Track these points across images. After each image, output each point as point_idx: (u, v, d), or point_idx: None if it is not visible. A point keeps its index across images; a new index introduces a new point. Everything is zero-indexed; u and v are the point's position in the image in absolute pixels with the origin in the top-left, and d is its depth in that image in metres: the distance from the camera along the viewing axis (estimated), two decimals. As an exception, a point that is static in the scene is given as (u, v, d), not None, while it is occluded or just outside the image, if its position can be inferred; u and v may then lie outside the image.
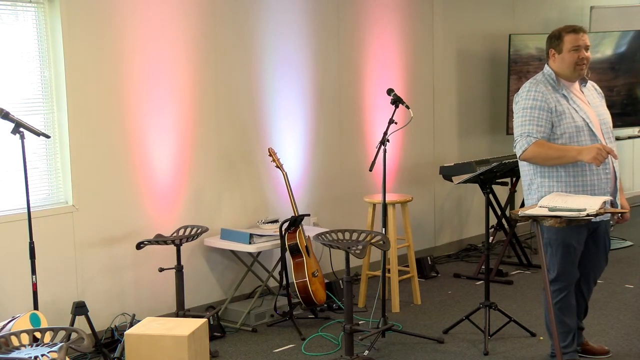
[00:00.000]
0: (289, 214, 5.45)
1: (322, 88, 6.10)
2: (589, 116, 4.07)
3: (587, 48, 4.11)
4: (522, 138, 4.03)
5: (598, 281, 4.42)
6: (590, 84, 4.29)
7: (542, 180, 4.10)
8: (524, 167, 4.20)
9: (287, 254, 5.24)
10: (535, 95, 4.06)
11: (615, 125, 7.16)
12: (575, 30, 4.10)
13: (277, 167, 5.45)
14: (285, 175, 5.43)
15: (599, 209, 3.70)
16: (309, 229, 5.54)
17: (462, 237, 7.40)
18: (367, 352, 4.65)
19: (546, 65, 4.22)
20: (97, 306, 4.79)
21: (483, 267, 5.43)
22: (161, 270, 4.86)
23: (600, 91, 4.34)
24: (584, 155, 3.89)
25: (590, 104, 4.16)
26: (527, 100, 4.08)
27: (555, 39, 4.14)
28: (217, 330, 5.03)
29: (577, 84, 4.18)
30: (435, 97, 7.01)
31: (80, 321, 4.41)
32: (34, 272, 4.23)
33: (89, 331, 4.38)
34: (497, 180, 5.51)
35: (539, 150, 3.99)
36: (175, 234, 4.94)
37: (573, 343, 4.23)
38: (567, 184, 4.04)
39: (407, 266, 5.78)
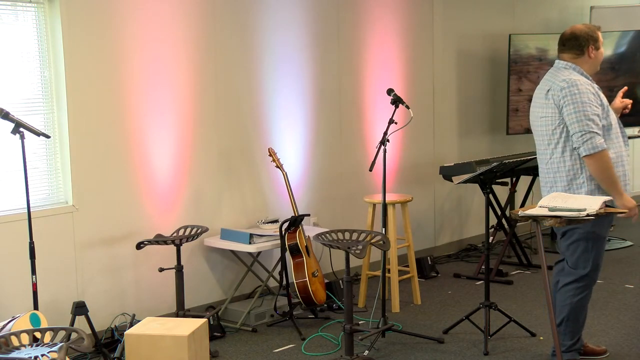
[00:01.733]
0: (289, 214, 5.45)
1: (322, 88, 6.10)
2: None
3: None
4: (595, 137, 3.97)
5: (598, 281, 4.41)
6: None
7: (591, 174, 4.07)
8: (566, 162, 4.10)
9: (287, 254, 5.24)
10: (586, 89, 4.04)
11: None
12: (599, 28, 4.29)
13: (277, 167, 5.45)
14: (285, 175, 5.43)
15: (599, 209, 3.70)
16: (309, 229, 5.54)
17: (462, 237, 7.40)
18: (367, 352, 4.65)
19: (569, 63, 4.18)
20: (97, 306, 4.80)
21: (483, 267, 5.44)
22: (161, 270, 4.86)
23: None
24: (627, 202, 4.00)
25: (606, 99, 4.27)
26: (581, 92, 4.02)
27: (593, 36, 4.20)
28: (217, 330, 5.03)
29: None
30: (435, 97, 7.01)
31: (80, 321, 4.41)
32: (34, 272, 4.23)
33: (89, 331, 4.38)
34: (497, 180, 5.51)
35: (603, 161, 3.98)
36: (175, 234, 4.94)
37: (578, 342, 4.25)
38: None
39: (407, 266, 5.78)
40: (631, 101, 4.39)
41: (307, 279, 5.20)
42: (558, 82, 4.08)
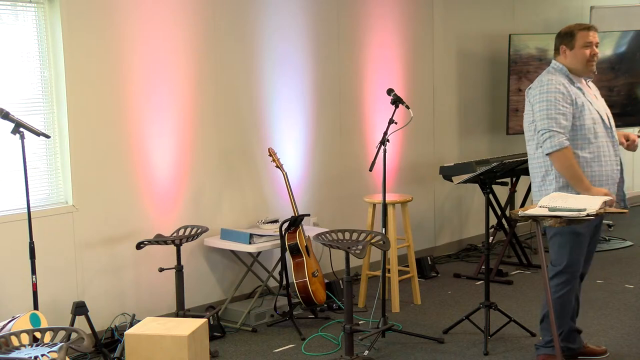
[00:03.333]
0: (289, 214, 5.45)
1: (322, 88, 6.10)
2: (599, 110, 4.18)
3: (597, 45, 4.21)
4: (555, 135, 4.02)
5: (598, 281, 4.42)
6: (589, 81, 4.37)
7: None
8: (539, 159, 4.19)
9: (287, 254, 5.24)
10: (558, 86, 4.08)
11: (615, 125, 7.19)
12: (588, 27, 4.21)
13: (277, 167, 5.45)
14: (285, 175, 5.43)
15: (599, 209, 3.70)
16: (309, 229, 5.54)
17: (462, 237, 7.40)
18: (367, 352, 4.65)
19: (554, 61, 4.25)
20: (97, 306, 4.79)
21: (483, 267, 5.44)
22: (161, 270, 4.86)
23: (596, 88, 4.43)
24: (595, 191, 4.00)
25: (597, 98, 4.27)
26: (549, 92, 4.07)
27: (567, 36, 4.21)
28: (217, 330, 5.03)
29: (583, 80, 4.25)
30: (435, 97, 7.01)
31: (80, 321, 4.41)
32: (34, 272, 4.23)
33: (89, 331, 4.38)
34: (497, 180, 5.51)
35: (565, 158, 4.03)
36: (175, 234, 4.94)
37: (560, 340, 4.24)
38: (584, 174, 4.09)
39: (407, 266, 5.78)
40: (628, 135, 4.36)
41: (307, 279, 5.20)
42: (535, 81, 4.23)
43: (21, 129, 4.19)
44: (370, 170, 4.80)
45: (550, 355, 4.25)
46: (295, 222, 5.20)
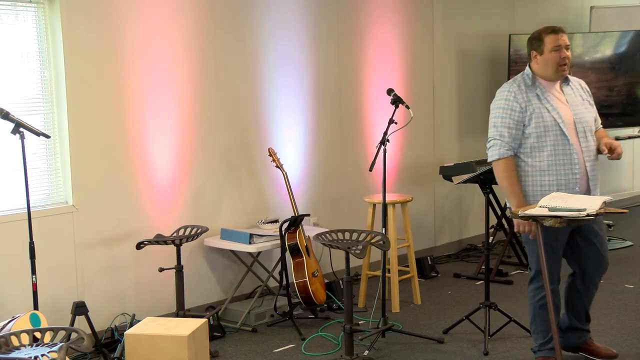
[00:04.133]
0: (289, 214, 5.45)
1: (322, 88, 6.10)
2: (561, 115, 4.06)
3: (567, 47, 4.12)
4: (496, 145, 4.11)
5: (598, 281, 4.41)
6: (577, 82, 4.28)
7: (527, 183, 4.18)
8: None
9: (287, 254, 5.24)
10: (508, 95, 4.12)
11: (615, 125, 7.19)
12: (555, 30, 4.11)
13: (277, 167, 5.45)
14: (285, 175, 5.43)
15: (599, 208, 3.70)
16: (309, 229, 5.54)
17: (462, 237, 7.40)
18: (367, 352, 4.65)
19: (527, 67, 4.22)
20: (97, 306, 4.79)
21: (483, 267, 5.43)
22: (161, 270, 4.86)
23: (587, 89, 4.31)
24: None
25: (569, 103, 4.14)
26: (500, 100, 4.15)
27: (535, 41, 4.15)
28: (217, 330, 5.03)
29: (557, 84, 4.17)
30: (435, 97, 7.01)
31: (80, 321, 4.41)
32: (34, 272, 4.23)
33: (89, 331, 4.38)
34: (497, 180, 5.50)
35: (504, 168, 4.10)
36: (175, 234, 4.94)
37: (551, 342, 4.22)
38: (534, 183, 4.10)
39: (407, 266, 5.78)
40: (612, 144, 4.19)
41: (307, 279, 5.20)
42: None
43: (21, 129, 4.20)
44: (370, 170, 4.80)
45: (548, 357, 4.25)
46: (295, 222, 5.20)
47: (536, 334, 4.32)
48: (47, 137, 4.39)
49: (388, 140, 4.90)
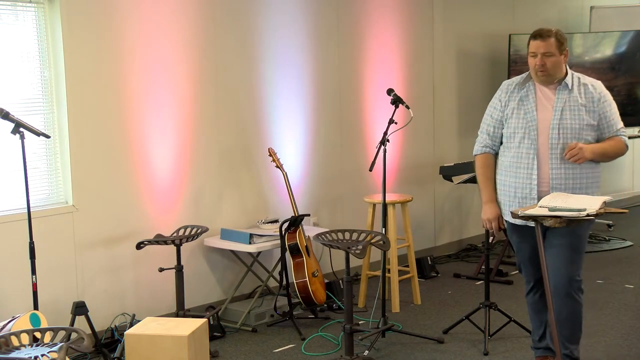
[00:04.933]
0: (289, 214, 5.45)
1: (322, 88, 6.10)
2: (536, 119, 3.96)
3: (546, 54, 3.95)
4: (477, 142, 4.28)
5: (598, 281, 4.40)
6: (590, 84, 4.06)
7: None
8: None
9: (287, 254, 5.24)
10: (496, 93, 4.20)
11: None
12: (535, 36, 3.98)
13: (277, 167, 5.45)
14: (285, 175, 5.43)
15: (599, 208, 3.69)
16: (309, 229, 5.53)
17: (462, 237, 7.39)
18: (367, 352, 4.65)
19: None
20: (97, 306, 4.79)
21: (483, 267, 5.43)
22: (161, 270, 4.86)
23: (597, 95, 4.03)
24: (484, 210, 4.15)
25: (555, 107, 3.98)
26: (492, 99, 4.23)
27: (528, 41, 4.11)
28: (217, 330, 5.03)
29: (552, 86, 4.02)
30: (435, 97, 7.01)
31: (80, 321, 4.41)
32: (34, 272, 4.23)
33: (89, 331, 4.38)
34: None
35: (478, 164, 4.25)
36: (175, 234, 4.94)
37: (544, 339, 4.24)
38: (499, 181, 4.16)
39: (407, 266, 5.78)
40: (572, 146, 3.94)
41: (307, 279, 5.20)
42: None
43: (21, 129, 4.19)
44: (370, 170, 4.80)
45: (546, 357, 4.24)
46: (295, 222, 5.20)
47: (532, 331, 4.36)
48: (47, 137, 4.39)
49: (388, 140, 4.90)
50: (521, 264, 4.22)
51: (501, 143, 4.18)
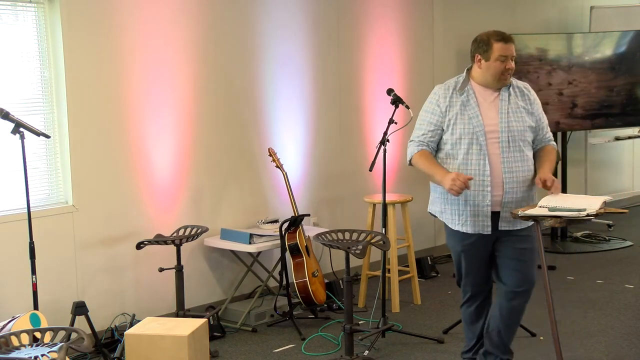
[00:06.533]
0: (289, 214, 5.45)
1: (322, 88, 6.10)
2: (483, 123, 3.88)
3: (513, 58, 3.92)
4: (411, 146, 4.05)
5: (598, 281, 4.39)
6: (521, 88, 4.02)
7: (433, 186, 4.10)
8: None
9: (287, 254, 5.24)
10: (431, 99, 4.03)
11: (615, 125, 7.18)
12: (505, 38, 3.89)
13: (277, 167, 5.45)
14: (285, 175, 5.43)
15: (599, 208, 3.70)
16: (309, 229, 5.54)
17: (462, 237, 7.38)
18: (367, 352, 4.65)
19: (465, 70, 4.05)
20: (97, 306, 4.79)
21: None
22: (161, 270, 4.86)
23: (531, 96, 4.03)
24: (444, 183, 3.79)
25: (500, 110, 3.92)
26: (426, 103, 4.07)
27: (483, 45, 3.92)
28: (217, 330, 5.03)
29: (494, 90, 3.97)
30: (435, 97, 7.00)
31: (80, 321, 4.41)
32: (34, 272, 4.23)
33: (89, 331, 4.38)
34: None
35: (417, 160, 3.99)
36: (175, 234, 4.94)
37: (474, 349, 4.19)
38: (443, 190, 3.90)
39: (407, 266, 5.78)
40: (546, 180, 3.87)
41: (307, 279, 5.20)
42: None
43: (21, 129, 4.20)
44: (370, 170, 4.80)
45: None
46: (295, 222, 5.20)
47: (465, 343, 4.27)
48: (47, 137, 4.39)
49: (388, 140, 4.90)
50: (464, 273, 4.07)
51: (437, 150, 4.00)
